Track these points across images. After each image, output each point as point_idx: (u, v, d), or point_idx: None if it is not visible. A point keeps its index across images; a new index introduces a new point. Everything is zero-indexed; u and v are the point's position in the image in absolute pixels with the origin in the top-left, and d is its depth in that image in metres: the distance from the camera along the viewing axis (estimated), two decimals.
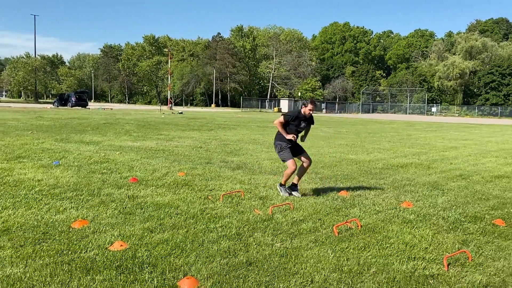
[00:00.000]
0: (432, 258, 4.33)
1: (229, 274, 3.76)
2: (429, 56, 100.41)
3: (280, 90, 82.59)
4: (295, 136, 6.49)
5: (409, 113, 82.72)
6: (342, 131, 22.58)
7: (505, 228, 5.49)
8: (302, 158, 6.74)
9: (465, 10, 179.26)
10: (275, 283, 3.62)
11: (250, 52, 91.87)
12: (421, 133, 23.08)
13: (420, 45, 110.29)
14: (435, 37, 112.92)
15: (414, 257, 4.34)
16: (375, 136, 19.91)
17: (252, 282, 3.62)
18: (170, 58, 71.51)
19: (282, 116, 6.50)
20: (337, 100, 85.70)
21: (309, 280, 3.72)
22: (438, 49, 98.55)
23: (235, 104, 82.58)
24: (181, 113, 40.44)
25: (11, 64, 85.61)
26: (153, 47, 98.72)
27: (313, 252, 4.38)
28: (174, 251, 4.24)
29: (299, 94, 74.00)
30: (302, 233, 4.97)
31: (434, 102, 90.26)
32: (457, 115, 77.78)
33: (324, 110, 71.60)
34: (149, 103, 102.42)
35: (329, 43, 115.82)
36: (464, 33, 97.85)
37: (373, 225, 5.38)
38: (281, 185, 6.74)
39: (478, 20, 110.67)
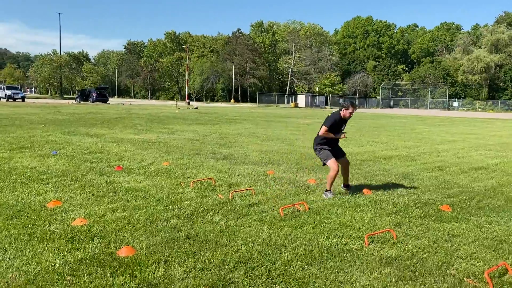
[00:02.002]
0: (359, 236, 4.74)
1: (165, 245, 4.28)
2: (454, 50, 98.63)
3: (299, 85, 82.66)
4: (344, 133, 6.57)
5: (431, 108, 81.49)
6: (346, 126, 22.79)
7: (448, 213, 5.83)
8: (342, 161, 6.68)
9: (494, 2, 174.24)
10: (202, 253, 4.12)
11: (269, 47, 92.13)
12: (428, 128, 23.10)
13: (445, 39, 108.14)
14: (462, 30, 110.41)
15: (342, 235, 4.77)
16: (378, 130, 20.11)
17: (183, 252, 4.13)
18: (189, 56, 72.52)
19: (324, 126, 6.38)
20: (357, 95, 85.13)
21: (234, 251, 4.20)
22: (463, 42, 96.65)
23: (255, 100, 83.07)
24: (196, 108, 41.22)
25: (39, 61, 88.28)
26: (174, 44, 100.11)
27: (250, 229, 4.86)
28: (126, 227, 4.79)
29: (317, 89, 73.85)
30: (250, 214, 5.45)
31: (458, 96, 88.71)
32: (480, 110, 76.17)
33: None
34: (172, 98, 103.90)
35: (351, 38, 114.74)
36: (491, 26, 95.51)
37: (321, 208, 5.81)
38: (326, 191, 6.48)
39: (506, 12, 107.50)
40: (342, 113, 6.40)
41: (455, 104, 78.55)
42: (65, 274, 3.56)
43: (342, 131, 6.60)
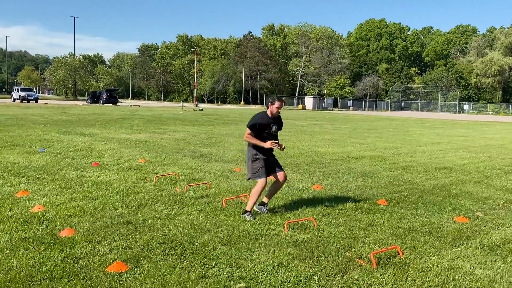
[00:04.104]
0: (283, 224, 5.24)
1: (104, 228, 4.85)
2: (468, 53, 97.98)
3: (309, 87, 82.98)
4: (276, 142, 5.39)
5: (443, 111, 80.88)
6: (341, 127, 23.21)
7: (382, 206, 6.29)
8: (279, 175, 5.67)
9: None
10: (133, 235, 4.68)
11: (280, 50, 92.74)
12: (422, 130, 23.36)
13: (459, 41, 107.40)
14: (478, 33, 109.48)
15: (269, 222, 5.28)
16: (369, 132, 20.47)
17: (116, 234, 4.69)
18: (200, 58, 73.46)
19: (248, 127, 5.44)
20: (367, 97, 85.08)
21: (162, 234, 4.75)
22: (477, 45, 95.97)
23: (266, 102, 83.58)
24: (202, 110, 41.93)
25: (55, 63, 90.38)
26: (186, 46, 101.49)
27: (187, 217, 5.40)
28: (76, 213, 5.38)
29: (325, 91, 74.15)
30: (195, 204, 5.99)
31: (471, 100, 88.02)
32: (490, 113, 75.38)
33: (351, 108, 71.43)
34: (185, 100, 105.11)
35: (364, 40, 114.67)
36: (507, 28, 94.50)
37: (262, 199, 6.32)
38: (245, 212, 5.42)
39: None
40: (269, 110, 5.53)
41: (466, 107, 77.91)
42: (5, 249, 4.15)
43: (274, 132, 5.56)
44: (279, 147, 5.39)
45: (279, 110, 5.54)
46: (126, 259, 4.01)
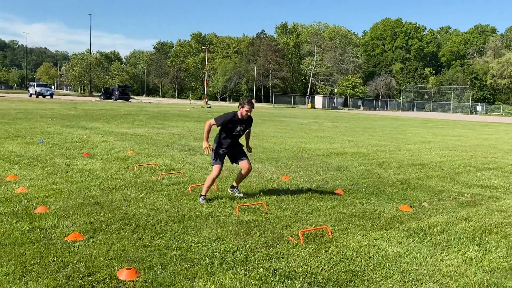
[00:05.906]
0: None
1: (75, 207, 5.49)
2: (485, 53, 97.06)
3: (321, 86, 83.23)
4: (209, 146, 6.06)
5: (457, 112, 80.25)
6: (340, 126, 23.61)
7: (338, 195, 6.80)
8: (241, 164, 6.21)
9: None
10: (97, 213, 5.30)
11: (293, 49, 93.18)
12: (419, 130, 23.64)
13: (477, 42, 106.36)
14: (497, 33, 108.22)
15: (224, 206, 5.85)
16: (364, 130, 20.86)
17: (83, 212, 5.32)
18: (210, 56, 74.23)
19: (215, 121, 6.03)
20: (380, 97, 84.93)
21: (124, 213, 5.36)
22: (495, 45, 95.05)
23: (278, 100, 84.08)
24: (210, 107, 42.66)
25: (72, 60, 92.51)
26: (200, 44, 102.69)
27: (151, 200, 6.01)
28: (54, 195, 6.03)
29: (336, 90, 74.33)
30: (162, 190, 6.59)
31: (487, 101, 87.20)
32: (504, 115, 74.59)
33: (361, 107, 71.49)
34: (200, 98, 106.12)
35: (380, 40, 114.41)
36: None
37: (227, 187, 6.90)
38: (200, 196, 6.06)
39: None
40: (239, 111, 6.04)
41: (479, 108, 77.23)
42: None
43: (238, 132, 6.16)
44: (207, 153, 6.14)
45: (249, 113, 6.01)
46: (85, 231, 4.63)
